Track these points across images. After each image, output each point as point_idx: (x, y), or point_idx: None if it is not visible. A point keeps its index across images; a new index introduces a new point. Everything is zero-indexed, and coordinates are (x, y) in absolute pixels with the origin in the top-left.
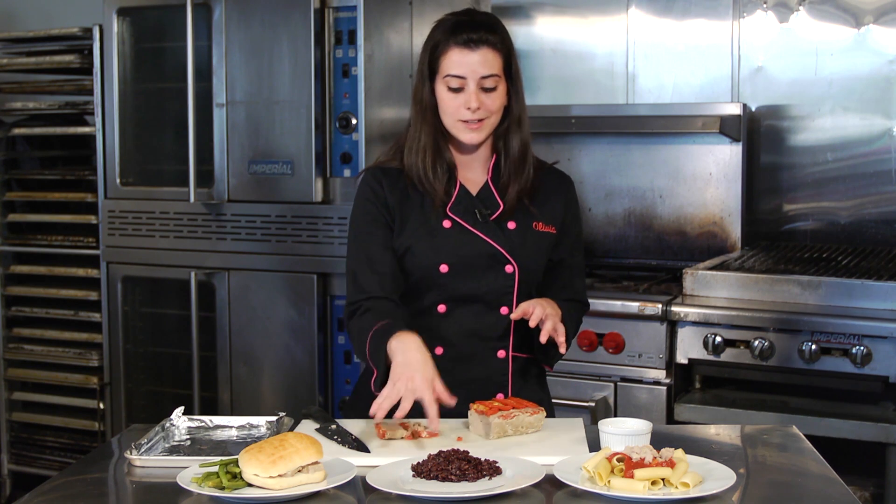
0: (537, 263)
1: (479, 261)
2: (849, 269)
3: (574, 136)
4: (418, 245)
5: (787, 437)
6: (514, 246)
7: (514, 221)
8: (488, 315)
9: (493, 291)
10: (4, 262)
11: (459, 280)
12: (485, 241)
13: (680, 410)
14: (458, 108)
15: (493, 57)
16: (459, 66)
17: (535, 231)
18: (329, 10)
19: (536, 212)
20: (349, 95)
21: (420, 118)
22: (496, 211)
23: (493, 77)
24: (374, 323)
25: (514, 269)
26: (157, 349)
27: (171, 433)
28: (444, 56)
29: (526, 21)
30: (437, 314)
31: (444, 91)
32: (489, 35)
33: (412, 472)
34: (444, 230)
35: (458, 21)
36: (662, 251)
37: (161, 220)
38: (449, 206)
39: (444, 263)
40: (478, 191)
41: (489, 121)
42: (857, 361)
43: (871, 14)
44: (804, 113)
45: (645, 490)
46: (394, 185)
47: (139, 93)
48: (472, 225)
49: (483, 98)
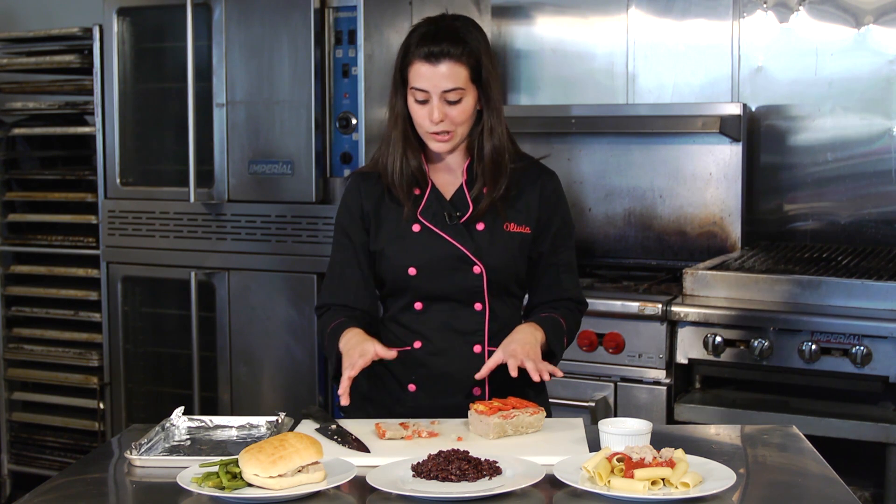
0: (507, 263)
1: (447, 263)
2: (849, 269)
3: (574, 136)
4: (389, 248)
5: (787, 437)
6: (480, 247)
7: (484, 223)
8: (462, 311)
9: (462, 291)
10: (4, 262)
11: (428, 282)
12: (451, 243)
13: (680, 410)
14: (425, 118)
15: (457, 70)
16: (422, 79)
17: (506, 232)
18: (329, 10)
19: (508, 212)
20: (349, 95)
21: (393, 125)
22: (466, 213)
23: (456, 90)
24: (329, 324)
25: (481, 269)
26: (157, 349)
27: (171, 433)
28: (411, 68)
29: (526, 21)
30: (415, 311)
31: (412, 102)
32: (452, 48)
33: (412, 472)
34: (413, 234)
35: (426, 31)
36: (662, 251)
37: (161, 220)
38: (419, 211)
39: (412, 266)
40: (451, 194)
41: (457, 132)
42: (857, 361)
43: (871, 14)
44: (804, 113)
45: (645, 490)
46: (371, 190)
47: (139, 93)
48: (441, 228)
49: (447, 110)
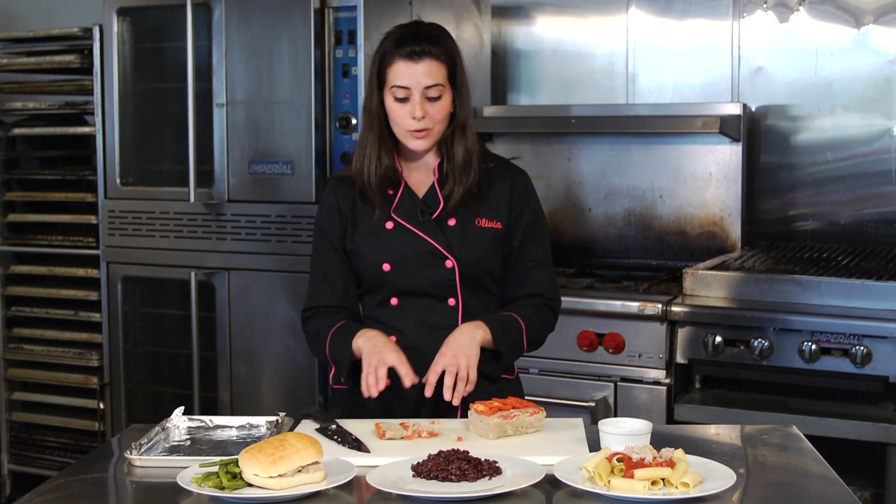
0: (478, 258)
1: (419, 258)
2: (849, 269)
3: (574, 136)
4: (364, 246)
5: (787, 437)
6: (452, 242)
7: (455, 219)
8: (437, 306)
9: (436, 286)
10: (4, 262)
11: (403, 277)
12: (423, 238)
13: (680, 410)
14: (405, 117)
15: (437, 67)
16: (404, 77)
17: (477, 227)
18: (329, 10)
19: (480, 208)
20: (349, 95)
21: (368, 127)
22: (437, 209)
23: (436, 87)
24: (333, 324)
25: (453, 263)
26: (157, 349)
27: (171, 433)
28: (391, 68)
29: (526, 21)
30: (391, 307)
31: (391, 101)
32: (432, 47)
33: (412, 472)
34: (386, 231)
35: (403, 34)
36: (662, 251)
37: (161, 220)
38: (392, 208)
39: (386, 262)
40: (424, 192)
41: (435, 129)
42: (857, 361)
43: (871, 14)
44: (804, 113)
45: (645, 490)
46: (347, 193)
47: (139, 93)
48: (413, 224)
49: (427, 107)
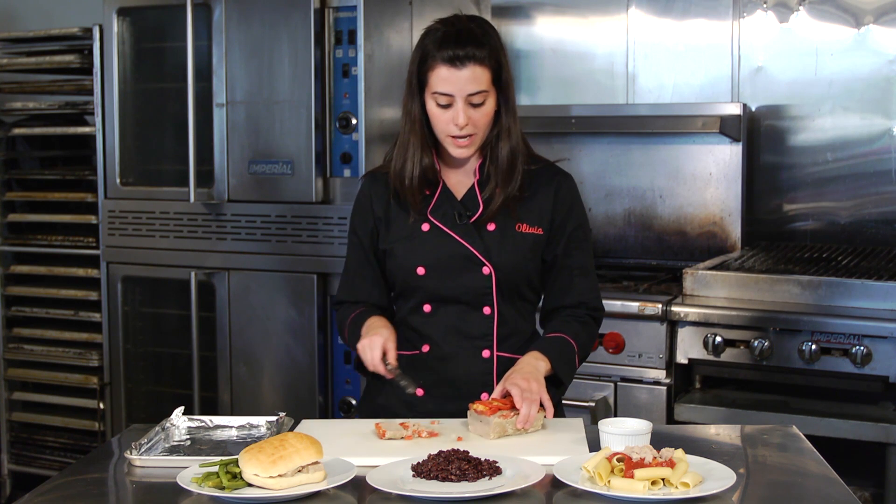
0: (517, 264)
1: (455, 262)
2: (849, 269)
3: (574, 136)
4: (398, 248)
5: (787, 437)
6: (490, 248)
7: (495, 223)
8: (471, 315)
9: (471, 292)
10: (4, 262)
11: (437, 281)
12: (460, 243)
13: (680, 410)
14: (447, 123)
15: (481, 72)
16: (446, 83)
17: (518, 233)
18: (329, 10)
19: (521, 213)
20: (349, 95)
21: (409, 128)
22: (476, 213)
23: (480, 93)
24: (349, 315)
25: (490, 270)
26: (157, 349)
27: (171, 433)
28: (432, 72)
29: (526, 21)
30: (424, 313)
31: (433, 106)
32: (476, 50)
33: (412, 472)
34: (422, 233)
35: (445, 34)
36: (662, 251)
37: (161, 220)
38: (429, 210)
39: (420, 265)
40: (463, 194)
41: (478, 135)
42: (857, 361)
43: (871, 14)
44: (804, 113)
45: (645, 490)
46: (382, 191)
47: (139, 93)
48: (450, 228)
49: (471, 113)
